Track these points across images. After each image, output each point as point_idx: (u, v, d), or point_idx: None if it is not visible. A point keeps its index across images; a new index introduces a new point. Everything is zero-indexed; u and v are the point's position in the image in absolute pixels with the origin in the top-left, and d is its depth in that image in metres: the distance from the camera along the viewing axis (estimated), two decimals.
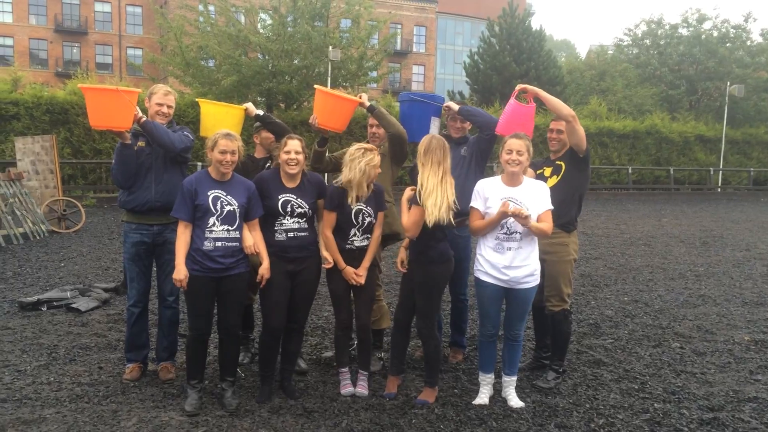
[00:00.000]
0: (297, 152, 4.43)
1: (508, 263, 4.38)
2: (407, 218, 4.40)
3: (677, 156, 28.24)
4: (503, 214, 4.24)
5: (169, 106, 4.86)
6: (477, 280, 4.57)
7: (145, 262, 4.92)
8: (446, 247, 4.57)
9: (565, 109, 4.78)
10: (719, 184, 28.73)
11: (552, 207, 4.43)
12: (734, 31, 32.32)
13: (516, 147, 4.33)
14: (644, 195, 25.93)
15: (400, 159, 5.22)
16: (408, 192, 4.46)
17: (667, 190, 27.11)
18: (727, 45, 31.81)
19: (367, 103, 5.10)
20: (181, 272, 4.22)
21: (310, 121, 4.95)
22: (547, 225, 4.35)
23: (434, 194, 4.31)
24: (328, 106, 4.95)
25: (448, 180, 4.40)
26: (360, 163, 4.44)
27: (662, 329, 6.58)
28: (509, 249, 4.39)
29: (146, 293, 5.01)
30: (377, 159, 4.52)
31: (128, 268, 4.95)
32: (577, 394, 4.81)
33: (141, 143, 4.77)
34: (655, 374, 5.28)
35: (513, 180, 4.42)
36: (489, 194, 4.41)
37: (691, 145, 28.39)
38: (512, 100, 4.89)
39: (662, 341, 6.17)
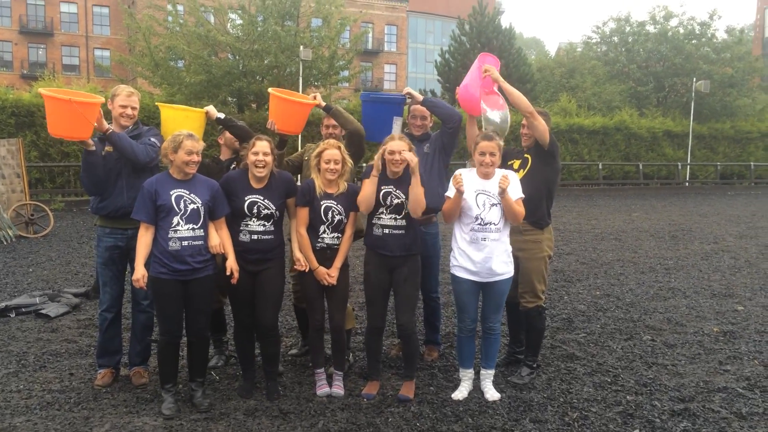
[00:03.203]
0: (265, 153, 4.41)
1: (483, 257, 4.44)
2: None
3: (646, 151, 28.61)
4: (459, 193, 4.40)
5: (133, 108, 4.78)
6: (453, 276, 4.62)
7: (118, 267, 4.85)
8: None
9: (524, 103, 4.81)
10: (687, 179, 29.17)
11: (523, 195, 4.49)
12: (700, 28, 32.83)
13: (489, 149, 4.42)
14: (614, 190, 26.25)
15: (358, 156, 5.15)
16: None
17: (636, 185, 27.49)
18: (693, 42, 32.32)
19: (323, 103, 5.06)
20: (138, 272, 4.20)
21: (268, 125, 4.91)
22: (520, 208, 4.44)
23: None
24: (284, 109, 4.88)
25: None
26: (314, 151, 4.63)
27: (633, 322, 6.67)
28: (483, 240, 4.45)
29: (119, 298, 4.94)
30: (328, 153, 4.53)
31: (101, 272, 4.87)
32: (551, 388, 4.85)
33: (109, 148, 4.68)
34: (627, 367, 5.35)
35: (486, 175, 4.50)
36: (464, 186, 4.46)
37: (659, 141, 28.79)
38: (476, 70, 4.92)
39: (634, 334, 6.26)
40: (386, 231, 4.53)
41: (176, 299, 4.28)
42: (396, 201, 4.50)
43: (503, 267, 4.50)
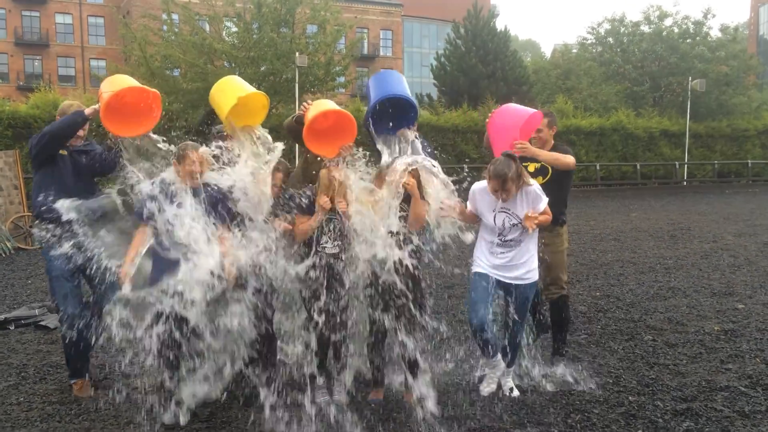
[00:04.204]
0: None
1: (502, 262, 4.56)
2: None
3: (643, 151, 28.69)
4: None
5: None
6: (475, 273, 4.65)
7: (75, 276, 4.68)
8: None
9: (562, 161, 5.01)
10: (685, 178, 29.25)
11: (546, 198, 4.57)
12: (694, 27, 32.93)
13: (497, 187, 4.42)
14: (612, 191, 26.28)
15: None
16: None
17: (634, 185, 27.54)
18: (688, 41, 32.41)
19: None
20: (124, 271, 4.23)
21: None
22: (546, 216, 4.52)
23: None
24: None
25: None
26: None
27: (634, 323, 6.67)
28: (502, 254, 4.57)
29: (83, 308, 4.72)
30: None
31: (57, 285, 4.63)
32: (552, 390, 4.84)
33: (63, 152, 4.64)
34: (629, 367, 5.34)
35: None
36: (480, 205, 4.58)
37: (656, 140, 28.87)
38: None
39: (635, 334, 6.25)
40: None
41: None
42: (401, 214, 4.55)
43: (526, 271, 4.58)
